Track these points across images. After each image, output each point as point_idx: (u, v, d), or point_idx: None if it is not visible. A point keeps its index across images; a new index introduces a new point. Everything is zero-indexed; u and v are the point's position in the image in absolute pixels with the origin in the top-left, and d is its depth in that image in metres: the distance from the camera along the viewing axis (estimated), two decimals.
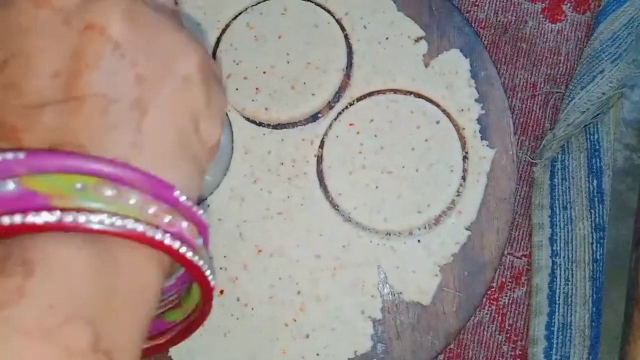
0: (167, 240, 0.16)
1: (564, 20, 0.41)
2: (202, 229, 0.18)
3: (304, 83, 0.38)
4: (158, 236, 0.16)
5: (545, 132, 0.39)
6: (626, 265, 0.37)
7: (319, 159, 0.37)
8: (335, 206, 0.37)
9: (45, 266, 0.15)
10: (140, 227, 0.16)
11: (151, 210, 0.16)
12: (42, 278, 0.15)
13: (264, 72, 0.38)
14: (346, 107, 0.38)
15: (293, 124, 0.38)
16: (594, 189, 0.38)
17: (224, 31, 0.40)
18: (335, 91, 0.38)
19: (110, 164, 0.16)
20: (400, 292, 0.35)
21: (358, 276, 0.35)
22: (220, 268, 0.36)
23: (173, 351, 0.35)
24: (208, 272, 0.18)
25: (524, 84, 0.40)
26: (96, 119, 0.16)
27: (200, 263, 0.17)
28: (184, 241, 0.17)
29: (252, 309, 0.35)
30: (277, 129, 0.38)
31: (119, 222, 0.15)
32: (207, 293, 0.19)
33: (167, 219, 0.17)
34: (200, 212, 0.18)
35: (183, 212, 0.17)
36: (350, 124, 0.37)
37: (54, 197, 0.15)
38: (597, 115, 0.38)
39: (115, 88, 0.17)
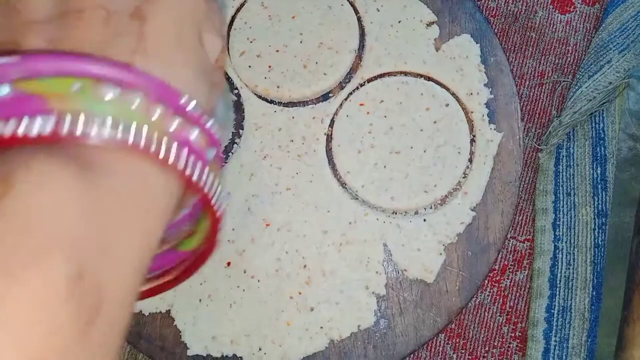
0: (174, 155, 0.15)
1: (573, 11, 0.42)
2: (212, 142, 0.17)
3: (316, 63, 0.38)
4: (161, 148, 0.15)
5: (551, 119, 0.39)
6: (627, 251, 0.37)
7: (329, 138, 0.38)
8: (343, 184, 0.37)
9: (26, 183, 0.13)
10: (144, 131, 0.15)
11: (156, 114, 0.15)
12: (21, 196, 0.13)
13: (277, 51, 0.39)
14: (357, 88, 0.38)
15: (304, 103, 0.39)
16: (597, 176, 0.38)
17: (238, 10, 0.40)
18: (347, 72, 0.39)
19: (111, 65, 0.15)
20: (405, 270, 0.35)
21: (363, 252, 0.36)
22: (228, 241, 0.36)
23: (179, 320, 0.35)
24: (215, 190, 0.17)
25: (532, 72, 0.41)
26: (97, 28, 0.16)
27: (209, 181, 0.16)
28: (192, 151, 0.16)
29: (259, 281, 0.35)
30: (288, 106, 0.39)
31: (120, 126, 0.14)
32: (214, 223, 0.18)
33: (173, 125, 0.15)
34: (211, 122, 0.17)
35: (191, 121, 0.16)
36: (361, 104, 0.38)
37: (50, 98, 0.14)
38: (603, 103, 0.39)
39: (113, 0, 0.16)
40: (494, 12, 0.42)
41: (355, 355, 0.35)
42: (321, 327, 0.35)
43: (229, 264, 0.36)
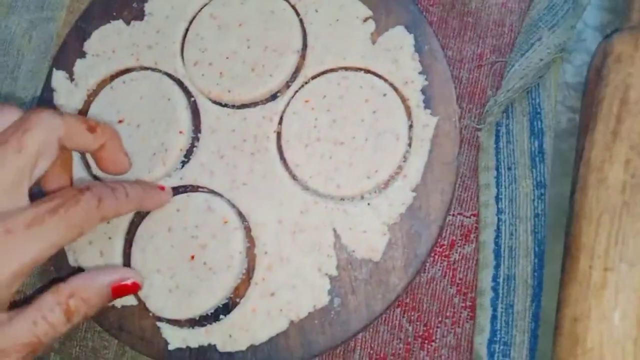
0: None
1: None
2: None
3: (263, 66, 0.41)
4: None
5: (488, 99, 0.41)
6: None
7: (279, 135, 0.41)
8: (293, 177, 0.40)
9: None
10: None
11: None
12: None
13: (227, 58, 0.42)
14: (302, 86, 0.41)
15: (254, 104, 0.42)
16: (535, 149, 0.40)
17: (190, 22, 0.43)
18: (292, 71, 0.42)
19: None
20: (353, 251, 0.38)
21: (315, 238, 0.39)
22: (192, 236, 0.39)
23: (150, 305, 0.39)
24: None
25: (471, 56, 0.43)
26: None
27: None
28: None
29: (214, 273, 0.39)
30: (240, 108, 0.42)
31: None
32: None
33: None
34: None
35: None
36: (306, 101, 0.41)
37: None
38: (539, 78, 0.40)
39: None
40: (432, 1, 0.44)
41: (314, 332, 0.38)
42: (281, 310, 0.38)
43: (192, 257, 0.39)
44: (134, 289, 0.36)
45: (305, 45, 0.42)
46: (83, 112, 0.44)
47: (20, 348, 0.30)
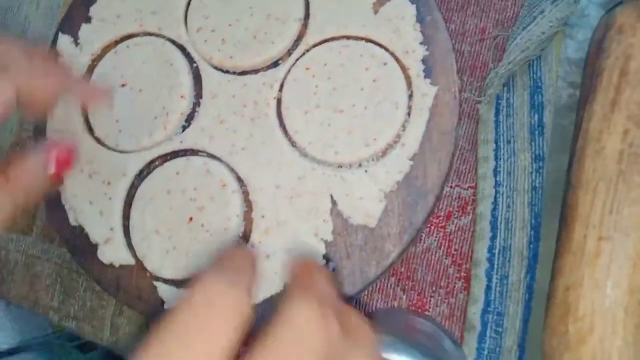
0: None
1: None
2: None
3: (265, 33, 0.42)
4: None
5: (490, 72, 0.41)
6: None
7: (279, 101, 0.41)
8: (292, 143, 0.40)
9: None
10: None
11: None
12: None
13: (230, 25, 0.42)
14: (303, 54, 0.41)
15: (255, 71, 0.42)
16: (535, 122, 0.40)
17: None
18: (294, 39, 0.42)
19: None
20: (349, 217, 0.38)
21: (312, 204, 0.39)
22: (191, 199, 0.40)
23: (148, 265, 0.39)
24: None
25: (474, 29, 0.43)
26: None
27: None
28: None
29: (211, 235, 0.39)
30: (241, 75, 0.42)
31: None
32: None
33: None
34: None
35: None
36: (307, 69, 0.41)
37: None
38: (541, 50, 0.40)
39: None
40: None
41: None
42: (276, 273, 0.38)
43: (191, 219, 0.39)
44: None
45: (307, 14, 0.42)
46: (87, 76, 0.44)
47: None
